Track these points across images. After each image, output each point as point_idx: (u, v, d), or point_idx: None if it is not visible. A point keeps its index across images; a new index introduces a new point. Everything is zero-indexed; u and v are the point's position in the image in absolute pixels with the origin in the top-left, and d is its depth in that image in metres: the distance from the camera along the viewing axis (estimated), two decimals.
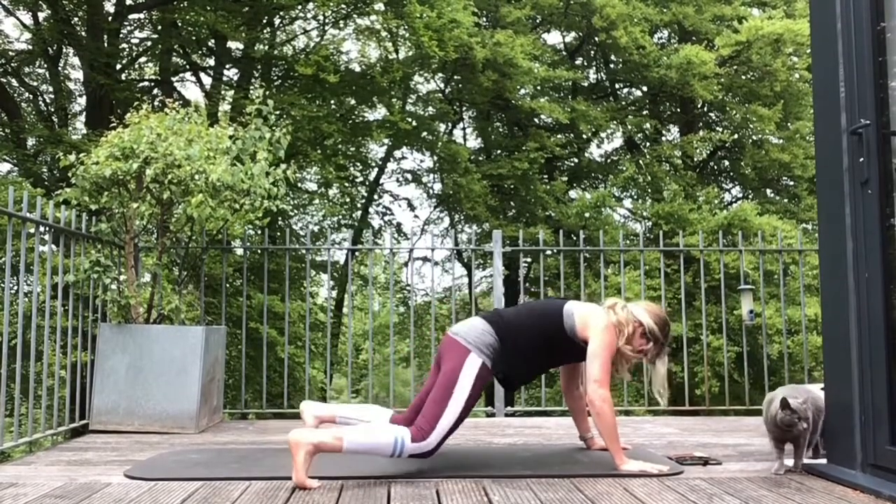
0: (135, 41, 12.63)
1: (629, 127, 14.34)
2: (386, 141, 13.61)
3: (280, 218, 12.08)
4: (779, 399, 2.68)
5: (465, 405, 2.75)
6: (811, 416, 2.72)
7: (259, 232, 8.96)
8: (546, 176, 14.39)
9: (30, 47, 11.73)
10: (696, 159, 15.23)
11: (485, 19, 13.72)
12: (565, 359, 3.08)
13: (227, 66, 12.45)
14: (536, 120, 14.19)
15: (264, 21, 12.03)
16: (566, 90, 14.96)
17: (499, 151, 14.39)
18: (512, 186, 13.39)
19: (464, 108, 15.17)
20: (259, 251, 8.13)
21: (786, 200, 14.02)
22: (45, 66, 12.14)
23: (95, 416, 3.96)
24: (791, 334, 9.88)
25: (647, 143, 15.28)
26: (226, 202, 4.30)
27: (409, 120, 12.54)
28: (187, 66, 12.93)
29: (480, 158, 14.18)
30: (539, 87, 13.91)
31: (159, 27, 11.77)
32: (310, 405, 3.07)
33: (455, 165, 12.61)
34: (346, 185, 14.19)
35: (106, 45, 10.73)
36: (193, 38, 11.78)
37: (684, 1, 13.48)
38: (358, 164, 14.43)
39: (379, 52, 13.31)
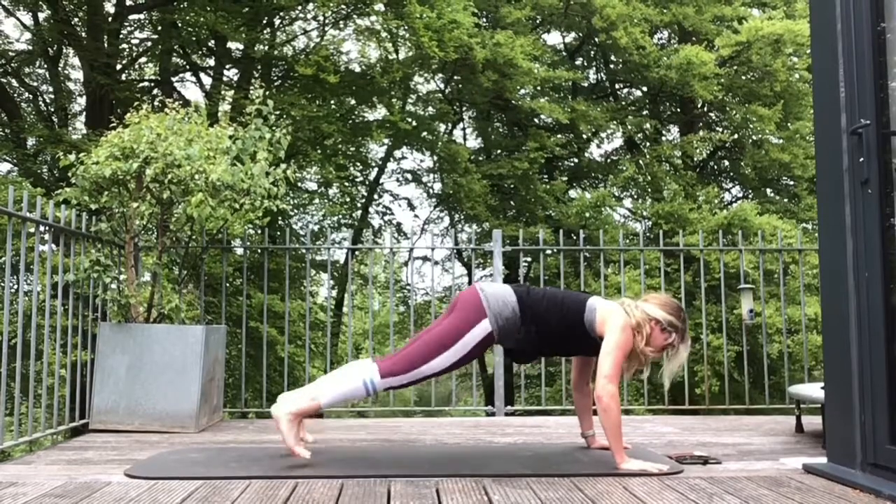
0: (135, 41, 12.64)
1: (629, 127, 14.33)
2: (386, 141, 13.61)
3: (280, 217, 12.07)
4: None
5: (456, 361, 2.84)
6: None
7: (259, 231, 8.96)
8: (546, 176, 14.39)
9: (30, 47, 11.74)
10: (696, 159, 15.22)
11: (485, 20, 13.71)
12: (576, 350, 3.11)
13: (227, 67, 12.45)
14: (536, 120, 14.18)
15: (264, 21, 12.03)
16: (566, 90, 14.95)
17: (499, 151, 14.38)
18: (512, 186, 13.39)
19: (464, 109, 15.17)
20: (259, 251, 8.13)
21: (786, 200, 14.01)
22: (45, 66, 12.15)
23: (95, 415, 3.96)
24: (791, 334, 9.88)
25: (647, 143, 15.27)
26: (226, 202, 4.30)
27: (409, 120, 12.54)
28: (187, 67, 12.93)
29: (480, 158, 14.17)
30: (539, 88, 13.90)
31: (159, 27, 11.77)
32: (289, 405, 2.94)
33: (455, 165, 12.61)
34: (346, 184, 14.19)
35: (106, 45, 10.73)
36: (193, 38, 11.78)
37: (684, 1, 13.47)
38: (358, 163, 14.42)
39: (379, 53, 13.31)
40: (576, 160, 15.07)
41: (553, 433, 3.96)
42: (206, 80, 13.03)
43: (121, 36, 11.52)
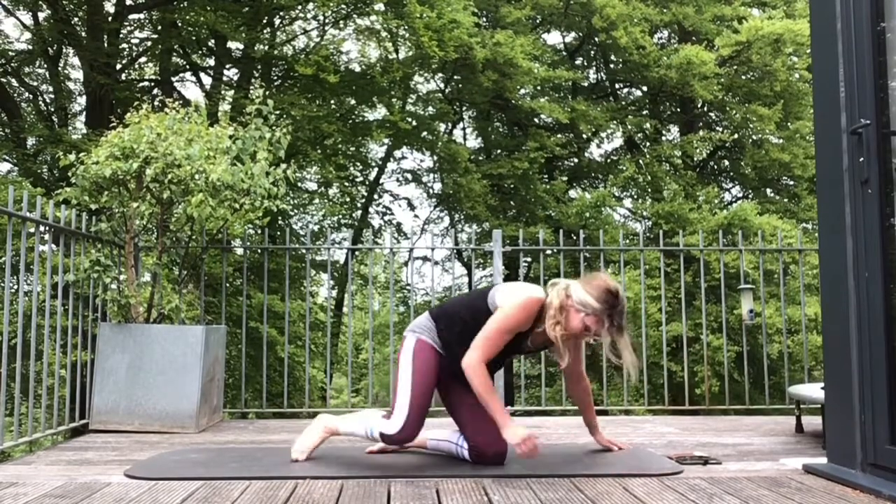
0: (135, 41, 12.65)
1: (629, 127, 14.33)
2: (386, 141, 13.62)
3: (280, 217, 12.08)
4: None
5: (413, 380, 2.87)
6: None
7: (259, 231, 8.97)
8: (546, 176, 14.39)
9: (30, 47, 11.74)
10: (696, 159, 15.23)
11: (485, 19, 13.71)
12: None
13: (227, 66, 12.45)
14: (536, 120, 14.18)
15: (264, 21, 12.03)
16: (566, 90, 14.95)
17: (499, 151, 14.39)
18: (512, 186, 13.39)
19: (464, 108, 15.17)
20: (259, 251, 8.14)
21: (786, 200, 14.02)
22: (45, 66, 12.16)
23: (95, 415, 3.96)
24: (791, 334, 9.88)
25: (647, 143, 15.27)
26: (226, 202, 4.30)
27: (409, 120, 12.54)
28: (187, 66, 12.93)
29: (480, 158, 14.18)
30: (539, 87, 13.90)
31: (159, 27, 11.78)
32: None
33: (455, 165, 12.61)
34: (346, 184, 14.21)
35: (106, 45, 10.74)
36: (193, 38, 11.78)
37: (684, 1, 13.47)
38: (358, 163, 14.44)
39: (379, 52, 13.32)
40: (576, 160, 15.07)
41: (553, 433, 3.96)
42: (206, 80, 13.04)
43: (121, 36, 11.52)
